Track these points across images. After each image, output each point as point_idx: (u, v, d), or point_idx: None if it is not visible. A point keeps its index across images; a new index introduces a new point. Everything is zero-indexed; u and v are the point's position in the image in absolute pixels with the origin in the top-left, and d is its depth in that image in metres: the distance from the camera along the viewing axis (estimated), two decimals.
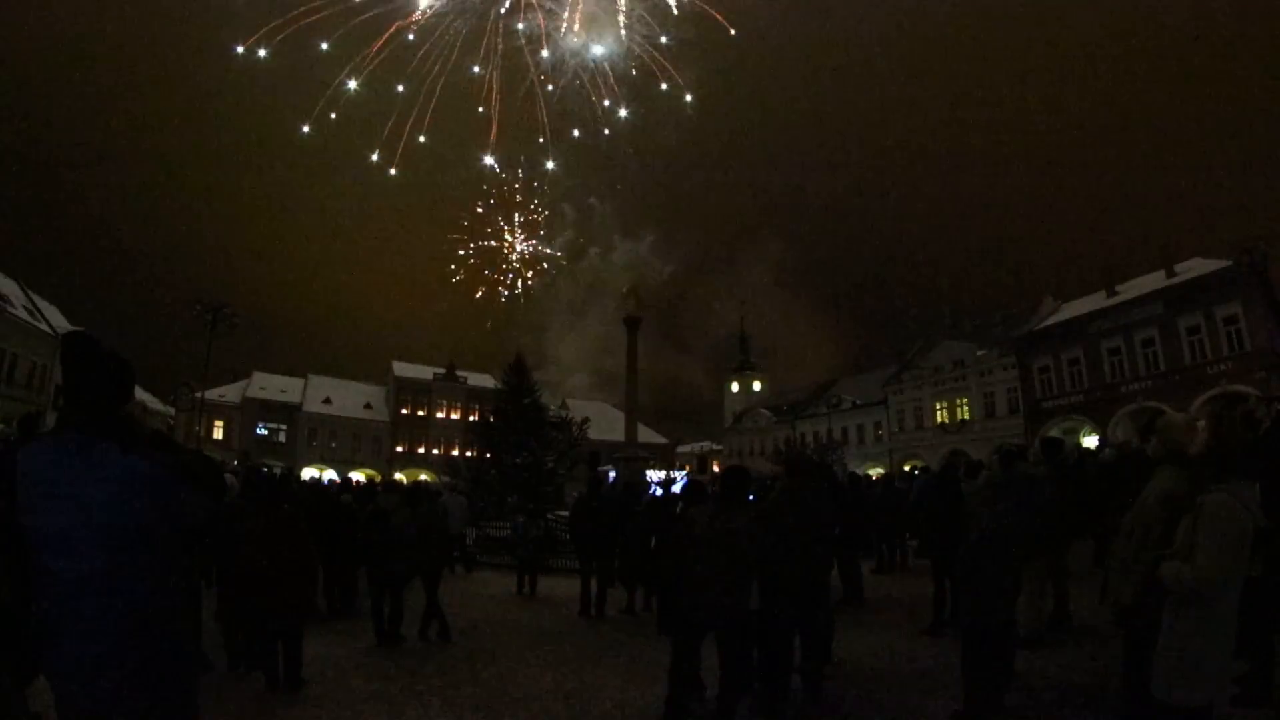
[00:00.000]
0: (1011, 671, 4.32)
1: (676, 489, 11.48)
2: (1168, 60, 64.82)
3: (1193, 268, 27.00)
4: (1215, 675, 2.31)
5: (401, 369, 50.51)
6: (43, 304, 32.96)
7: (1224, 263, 25.39)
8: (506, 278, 42.08)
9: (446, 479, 23.66)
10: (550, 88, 34.91)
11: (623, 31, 33.34)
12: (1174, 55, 64.31)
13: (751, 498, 4.81)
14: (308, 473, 37.57)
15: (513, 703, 4.60)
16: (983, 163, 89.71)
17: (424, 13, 31.85)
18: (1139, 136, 74.21)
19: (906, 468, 26.18)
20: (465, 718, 4.38)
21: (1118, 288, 30.14)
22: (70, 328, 31.33)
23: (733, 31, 33.34)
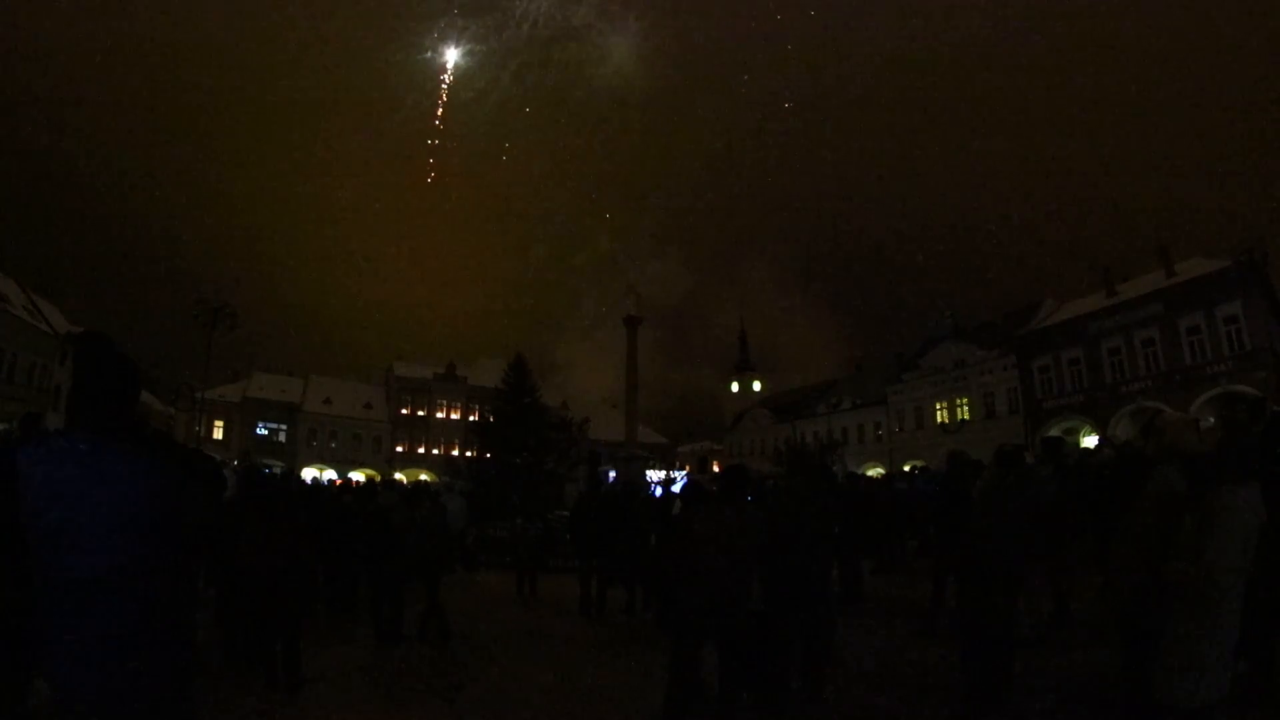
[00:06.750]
0: (1011, 671, 4.31)
1: (676, 489, 11.49)
2: (1168, 60, 64.85)
3: (1193, 268, 26.96)
4: (1216, 676, 2.31)
5: (401, 369, 50.48)
6: (43, 304, 32.93)
7: (1224, 263, 25.34)
8: None
9: (446, 479, 23.66)
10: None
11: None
12: (1175, 55, 64.34)
13: (750, 498, 4.80)
14: (308, 473, 37.57)
15: (513, 703, 4.60)
16: (983, 163, 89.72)
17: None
18: (1139, 136, 74.25)
19: (906, 468, 26.14)
20: (465, 718, 4.38)
21: (1118, 288, 30.09)
22: (70, 328, 31.41)
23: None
